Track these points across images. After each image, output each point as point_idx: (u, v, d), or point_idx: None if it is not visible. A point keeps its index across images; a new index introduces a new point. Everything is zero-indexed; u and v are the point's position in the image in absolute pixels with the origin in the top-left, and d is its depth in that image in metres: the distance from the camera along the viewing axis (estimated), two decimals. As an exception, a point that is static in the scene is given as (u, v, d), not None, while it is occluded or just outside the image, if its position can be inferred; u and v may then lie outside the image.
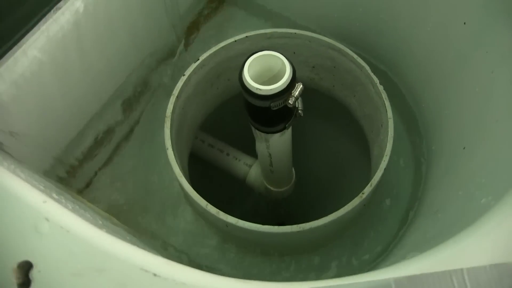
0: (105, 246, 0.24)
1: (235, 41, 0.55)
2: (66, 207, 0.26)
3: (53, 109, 0.51)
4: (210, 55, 0.55)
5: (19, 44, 0.44)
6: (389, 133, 0.49)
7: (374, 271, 0.23)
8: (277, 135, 0.48)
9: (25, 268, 0.23)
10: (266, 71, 0.43)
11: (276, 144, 0.51)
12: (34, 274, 0.23)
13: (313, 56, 0.59)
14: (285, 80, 0.41)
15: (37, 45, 0.45)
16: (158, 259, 0.23)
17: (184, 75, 0.53)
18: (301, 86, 0.43)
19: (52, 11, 0.46)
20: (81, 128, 0.57)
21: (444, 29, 0.48)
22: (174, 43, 0.64)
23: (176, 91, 0.52)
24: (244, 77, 0.41)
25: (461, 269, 0.22)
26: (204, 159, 0.71)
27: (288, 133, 0.50)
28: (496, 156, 0.34)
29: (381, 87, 0.52)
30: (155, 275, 0.23)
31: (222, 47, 0.55)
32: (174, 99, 0.52)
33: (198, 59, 0.54)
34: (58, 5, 0.46)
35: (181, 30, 0.65)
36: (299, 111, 0.48)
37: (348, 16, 0.60)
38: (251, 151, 0.68)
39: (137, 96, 0.63)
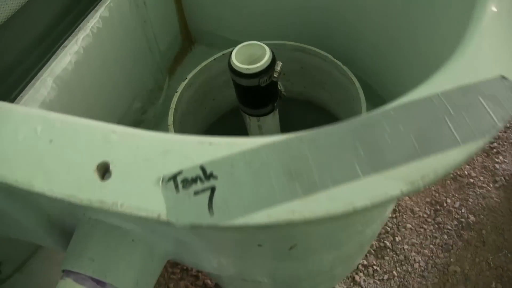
0: (164, 137, 0.29)
1: (215, 59, 0.65)
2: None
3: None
4: (195, 73, 0.63)
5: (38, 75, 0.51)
6: (361, 99, 0.58)
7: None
8: (269, 117, 0.56)
9: (103, 166, 0.29)
10: (248, 58, 0.52)
11: (269, 127, 0.58)
12: (111, 168, 0.29)
13: (282, 63, 0.68)
14: (267, 58, 0.50)
15: (53, 75, 0.52)
16: (210, 136, 0.29)
17: (177, 91, 0.61)
18: (281, 63, 0.51)
19: (59, 49, 0.54)
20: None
21: (383, 3, 0.59)
22: (161, 80, 0.73)
23: (173, 105, 0.60)
24: (234, 62, 0.50)
25: (436, 94, 0.30)
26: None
27: (276, 115, 0.58)
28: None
29: (345, 67, 0.61)
30: (210, 144, 0.29)
31: (205, 66, 0.64)
32: (172, 112, 0.59)
33: (186, 78, 0.63)
34: (64, 44, 0.55)
35: (164, 68, 0.74)
36: (283, 92, 0.56)
37: (305, 23, 0.71)
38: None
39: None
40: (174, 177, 0.27)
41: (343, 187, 0.26)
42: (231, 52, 0.51)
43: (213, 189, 0.27)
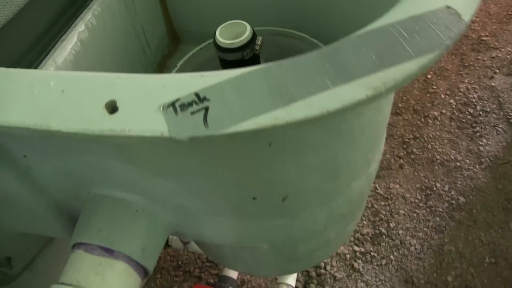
0: (162, 76, 0.34)
1: (201, 48, 0.70)
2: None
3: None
4: (185, 61, 0.68)
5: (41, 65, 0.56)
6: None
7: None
8: (254, 90, 0.61)
9: (111, 104, 0.33)
10: (231, 35, 0.57)
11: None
12: (118, 103, 0.33)
13: (264, 50, 0.74)
14: (248, 33, 0.55)
15: (55, 66, 0.56)
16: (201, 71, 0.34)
17: (169, 78, 0.66)
18: (261, 37, 0.57)
19: (59, 42, 0.59)
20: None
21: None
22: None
23: (166, 90, 0.64)
24: (218, 39, 0.55)
25: (391, 23, 0.35)
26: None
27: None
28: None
29: (322, 45, 0.66)
30: (202, 76, 0.33)
31: (192, 54, 0.69)
32: (166, 96, 0.64)
33: (176, 66, 0.68)
34: (63, 37, 0.60)
35: (155, 62, 0.79)
36: (266, 67, 0.61)
37: (283, 6, 0.76)
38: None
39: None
40: (173, 104, 0.32)
41: (317, 96, 0.31)
42: (215, 32, 0.56)
43: (207, 109, 0.31)
